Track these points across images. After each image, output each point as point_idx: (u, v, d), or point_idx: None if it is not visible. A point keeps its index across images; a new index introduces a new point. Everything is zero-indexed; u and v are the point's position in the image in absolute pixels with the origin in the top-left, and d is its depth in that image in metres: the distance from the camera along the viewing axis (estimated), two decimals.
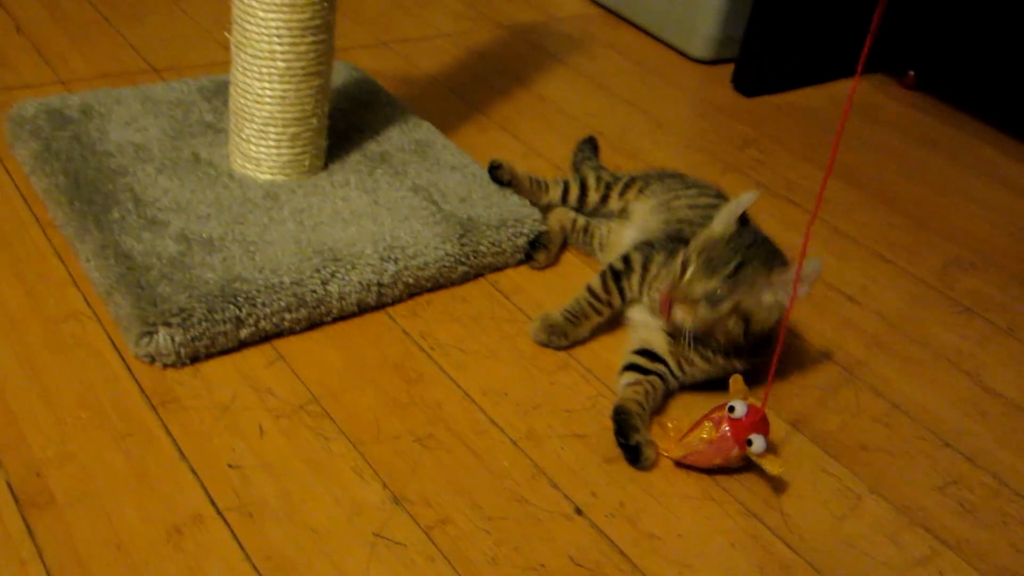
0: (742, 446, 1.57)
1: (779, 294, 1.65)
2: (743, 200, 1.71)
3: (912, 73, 3.16)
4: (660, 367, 1.74)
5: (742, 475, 1.63)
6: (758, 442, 1.56)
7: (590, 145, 2.39)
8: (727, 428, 1.57)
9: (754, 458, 1.57)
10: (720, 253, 1.65)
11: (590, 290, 1.84)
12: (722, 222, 1.71)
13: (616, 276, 1.83)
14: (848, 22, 3.02)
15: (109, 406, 1.55)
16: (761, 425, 1.59)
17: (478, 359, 1.77)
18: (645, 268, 1.82)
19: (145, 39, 2.63)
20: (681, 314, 1.66)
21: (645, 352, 1.76)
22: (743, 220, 1.71)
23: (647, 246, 1.85)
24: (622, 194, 2.07)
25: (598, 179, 2.11)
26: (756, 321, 1.67)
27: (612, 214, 2.09)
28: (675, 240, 1.84)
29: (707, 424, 1.60)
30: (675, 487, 1.60)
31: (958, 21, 3.05)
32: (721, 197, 2.01)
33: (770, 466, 1.57)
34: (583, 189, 2.10)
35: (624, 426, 1.62)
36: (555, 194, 2.11)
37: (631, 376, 1.73)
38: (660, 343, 1.75)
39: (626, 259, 1.84)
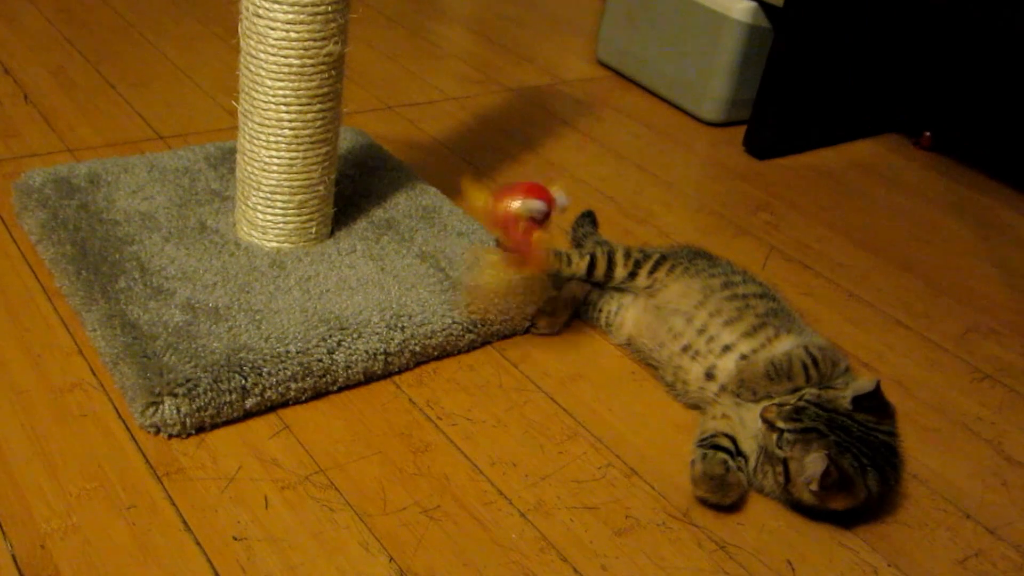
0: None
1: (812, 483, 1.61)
2: (866, 385, 1.68)
3: (928, 134, 3.15)
4: (740, 462, 1.72)
5: (757, 547, 1.60)
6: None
7: (590, 220, 2.32)
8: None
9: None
10: (810, 411, 1.63)
11: (811, 359, 1.76)
12: (845, 395, 1.68)
13: (815, 362, 1.76)
14: (860, 83, 3.02)
15: (114, 477, 1.53)
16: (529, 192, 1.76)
17: (486, 428, 1.75)
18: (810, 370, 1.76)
19: (151, 106, 2.63)
20: (765, 413, 1.66)
21: (734, 442, 1.74)
22: (860, 402, 1.67)
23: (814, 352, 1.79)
24: (652, 272, 2.01)
25: (627, 255, 2.02)
26: (795, 487, 1.63)
27: (634, 290, 2.02)
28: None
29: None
30: (688, 560, 1.57)
31: (974, 81, 3.04)
32: (756, 282, 1.98)
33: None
34: (610, 264, 2.02)
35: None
36: (580, 268, 2.01)
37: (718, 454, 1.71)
38: (751, 441, 1.73)
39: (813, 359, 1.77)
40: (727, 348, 1.81)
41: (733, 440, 1.72)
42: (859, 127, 3.16)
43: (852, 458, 1.59)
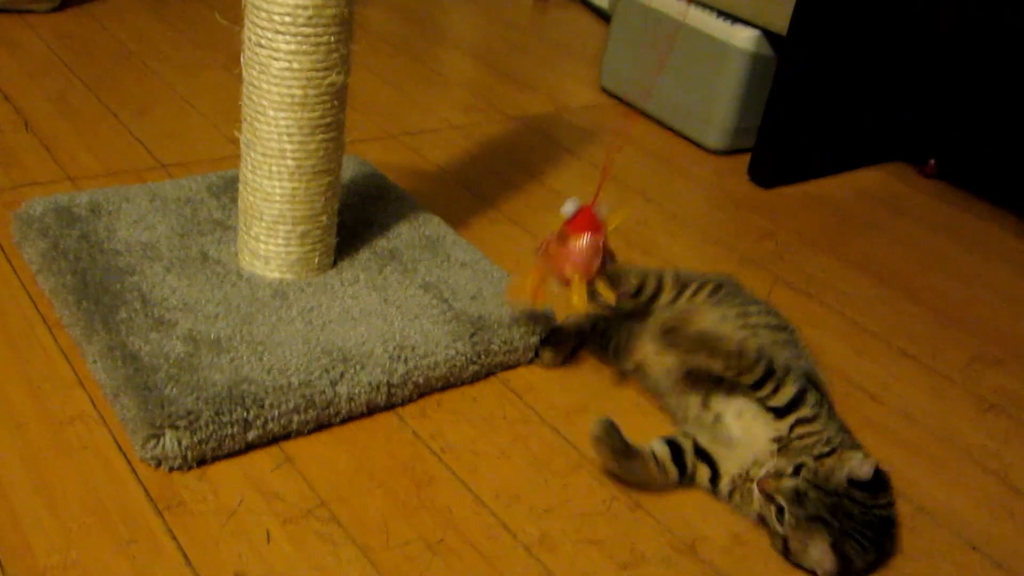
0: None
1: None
2: (863, 470, 1.64)
3: (933, 162, 3.14)
4: (701, 469, 1.73)
5: None
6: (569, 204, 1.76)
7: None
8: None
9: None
10: (813, 496, 1.60)
11: (741, 351, 1.74)
12: (849, 472, 1.64)
13: (770, 373, 1.73)
14: (864, 111, 3.01)
15: (114, 511, 1.51)
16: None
17: (489, 460, 1.74)
18: (799, 398, 1.73)
19: (153, 134, 2.62)
20: (756, 494, 1.65)
21: (699, 448, 1.75)
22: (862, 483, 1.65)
23: (797, 372, 1.77)
24: (675, 297, 2.00)
25: (667, 278, 2.03)
26: (791, 556, 1.62)
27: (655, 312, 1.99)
28: (812, 383, 1.79)
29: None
30: None
31: (979, 109, 3.03)
32: (773, 314, 1.98)
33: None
34: (659, 286, 2.02)
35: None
36: (631, 286, 2.00)
37: (661, 447, 1.73)
38: (734, 460, 1.72)
39: (786, 369, 1.74)
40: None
41: (698, 445, 1.75)
42: (864, 155, 3.16)
43: (855, 543, 1.58)
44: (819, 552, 1.56)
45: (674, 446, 1.73)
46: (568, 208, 1.78)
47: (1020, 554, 1.74)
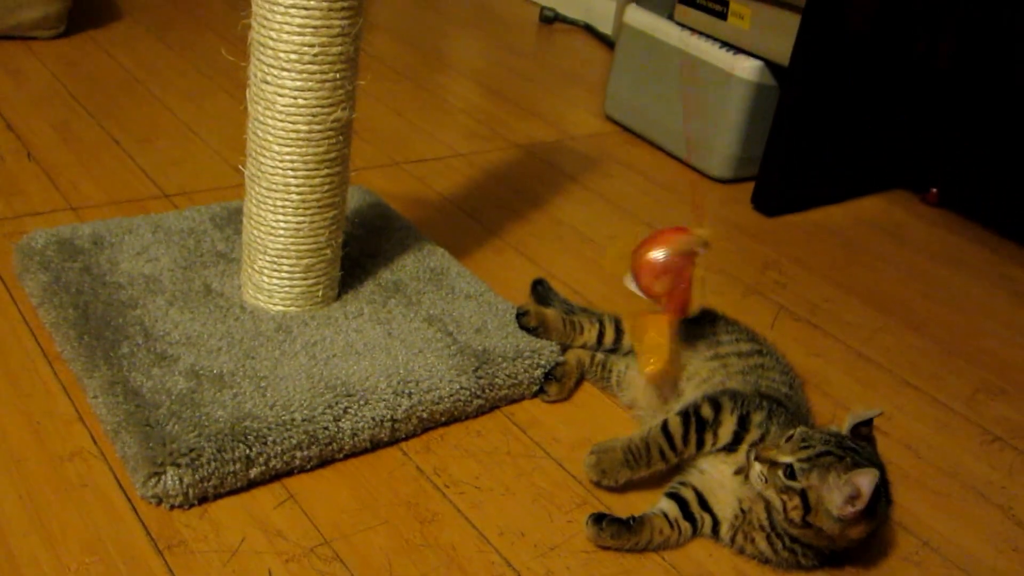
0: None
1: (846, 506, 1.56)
2: (869, 412, 1.67)
3: (935, 190, 3.14)
4: (706, 519, 1.71)
5: None
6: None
7: (543, 286, 2.27)
8: None
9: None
10: (816, 437, 1.60)
11: (667, 434, 1.73)
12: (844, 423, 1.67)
13: (702, 425, 1.72)
14: (868, 140, 3.01)
15: (114, 550, 1.50)
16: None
17: (494, 496, 1.73)
18: (742, 425, 1.72)
19: (156, 163, 2.62)
20: (756, 472, 1.61)
21: (700, 498, 1.72)
22: (858, 430, 1.66)
23: (736, 398, 1.76)
24: None
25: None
26: (816, 516, 1.58)
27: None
28: (766, 397, 1.78)
29: None
30: None
31: (981, 137, 3.02)
32: (749, 340, 1.97)
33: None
34: (618, 331, 2.05)
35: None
36: (591, 336, 2.05)
37: (669, 505, 1.70)
38: (725, 504, 1.70)
39: (716, 406, 1.74)
40: None
41: (699, 495, 1.72)
42: (866, 183, 3.16)
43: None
44: (843, 481, 1.53)
45: (680, 500, 1.72)
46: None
47: None
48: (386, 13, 4.18)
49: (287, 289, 1.95)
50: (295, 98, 1.79)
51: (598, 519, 1.65)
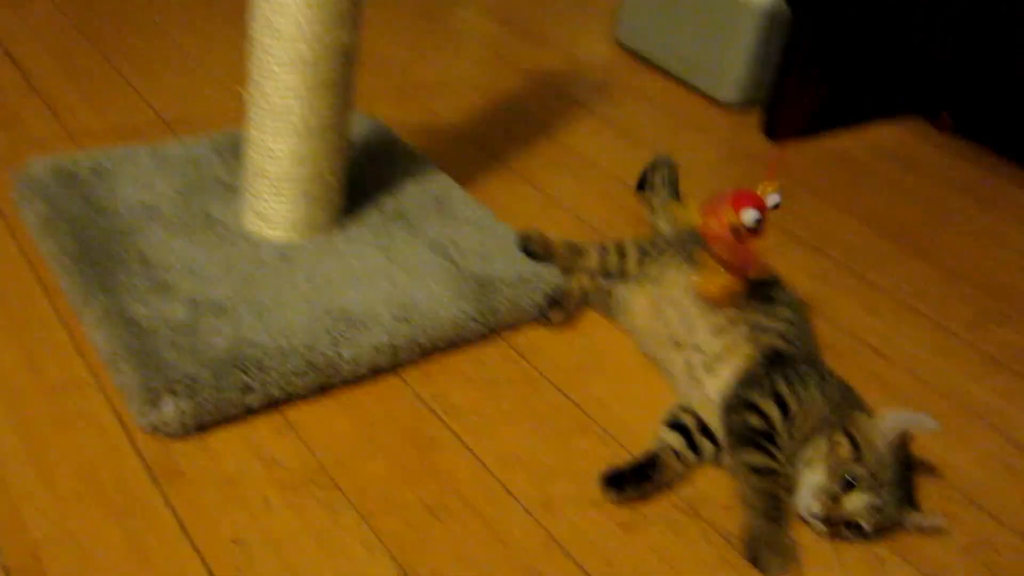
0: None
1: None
2: (923, 423, 1.66)
3: (946, 115, 3.10)
4: (707, 446, 1.71)
5: None
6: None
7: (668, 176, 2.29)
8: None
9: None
10: (885, 465, 1.59)
11: (757, 471, 1.63)
12: (886, 434, 1.62)
13: (771, 439, 1.66)
14: (879, 63, 2.98)
15: (110, 481, 1.50)
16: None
17: (493, 423, 1.72)
18: (786, 416, 1.67)
19: (158, 92, 2.59)
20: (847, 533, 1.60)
21: (701, 423, 1.72)
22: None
23: (765, 389, 1.70)
24: (658, 259, 1.99)
25: (638, 246, 2.02)
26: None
27: (644, 278, 1.98)
28: (776, 363, 1.75)
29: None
30: (693, 552, 1.55)
31: (994, 62, 2.99)
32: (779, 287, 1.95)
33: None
34: (621, 255, 2.02)
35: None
36: (593, 261, 2.03)
37: (674, 437, 1.71)
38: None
39: (764, 416, 1.67)
40: (696, 346, 1.80)
41: (698, 418, 1.73)
42: (877, 109, 3.13)
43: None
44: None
45: (682, 429, 1.71)
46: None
47: (1019, 509, 1.75)
48: None
49: (288, 215, 1.94)
50: (297, 19, 1.77)
51: (615, 482, 1.62)
